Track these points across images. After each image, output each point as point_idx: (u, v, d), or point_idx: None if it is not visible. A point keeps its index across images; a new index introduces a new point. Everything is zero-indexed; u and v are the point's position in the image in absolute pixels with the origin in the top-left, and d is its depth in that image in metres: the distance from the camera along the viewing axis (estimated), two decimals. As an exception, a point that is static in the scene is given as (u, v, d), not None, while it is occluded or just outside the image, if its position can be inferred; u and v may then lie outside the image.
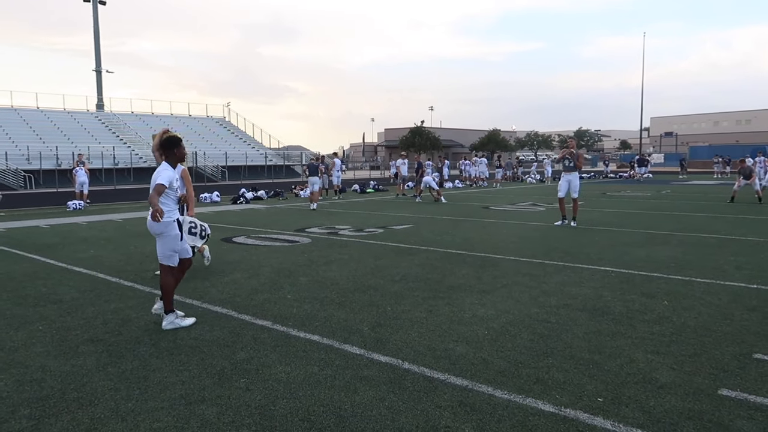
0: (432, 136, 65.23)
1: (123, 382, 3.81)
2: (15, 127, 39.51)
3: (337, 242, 10.17)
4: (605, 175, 41.71)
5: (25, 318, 5.43)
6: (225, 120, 54.68)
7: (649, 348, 4.37)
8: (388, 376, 3.85)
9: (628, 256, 8.34)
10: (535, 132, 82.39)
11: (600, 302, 5.74)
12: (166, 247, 5.11)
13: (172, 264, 5.15)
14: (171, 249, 5.12)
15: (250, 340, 4.65)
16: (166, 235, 5.08)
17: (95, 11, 48.84)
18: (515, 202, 19.22)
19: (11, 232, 12.57)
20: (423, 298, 6.00)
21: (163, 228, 5.04)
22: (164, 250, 5.12)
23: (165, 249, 5.12)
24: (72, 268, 8.03)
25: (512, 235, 10.76)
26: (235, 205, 19.98)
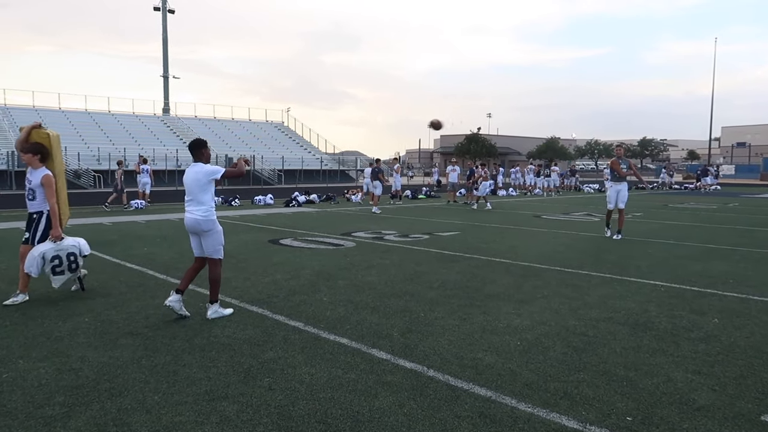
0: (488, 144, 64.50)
1: (153, 375, 3.93)
2: (88, 130, 41.72)
3: (381, 247, 10.18)
4: (669, 186, 40.04)
5: (74, 310, 5.70)
6: (283, 125, 55.90)
7: (691, 367, 4.14)
8: (411, 383, 3.81)
9: (681, 270, 7.96)
10: (596, 140, 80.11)
11: (644, 317, 5.50)
12: (216, 241, 5.47)
13: (220, 256, 5.54)
14: (220, 242, 5.50)
15: (281, 341, 4.71)
16: (214, 231, 5.43)
17: (164, 19, 51.02)
18: (569, 211, 18.72)
19: (78, 228, 13.23)
20: (458, 305, 5.92)
21: (212, 225, 5.42)
22: (214, 244, 5.47)
23: (215, 243, 5.47)
24: (125, 264, 8.38)
25: (560, 245, 10.47)
26: (288, 208, 20.35)
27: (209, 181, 5.38)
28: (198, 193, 5.36)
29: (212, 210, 5.44)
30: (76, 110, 45.22)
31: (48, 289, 6.62)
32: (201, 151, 5.46)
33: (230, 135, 48.83)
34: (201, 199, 5.37)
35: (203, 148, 5.48)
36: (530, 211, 18.98)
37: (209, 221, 5.37)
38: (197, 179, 5.35)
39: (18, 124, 39.26)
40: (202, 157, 5.45)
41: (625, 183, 11.65)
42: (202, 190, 5.37)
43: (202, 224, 5.36)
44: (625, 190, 11.60)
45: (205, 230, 5.38)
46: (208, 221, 5.37)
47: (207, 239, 5.43)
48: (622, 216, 11.68)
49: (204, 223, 5.35)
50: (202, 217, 5.35)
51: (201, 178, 5.34)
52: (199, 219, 5.34)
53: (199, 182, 5.35)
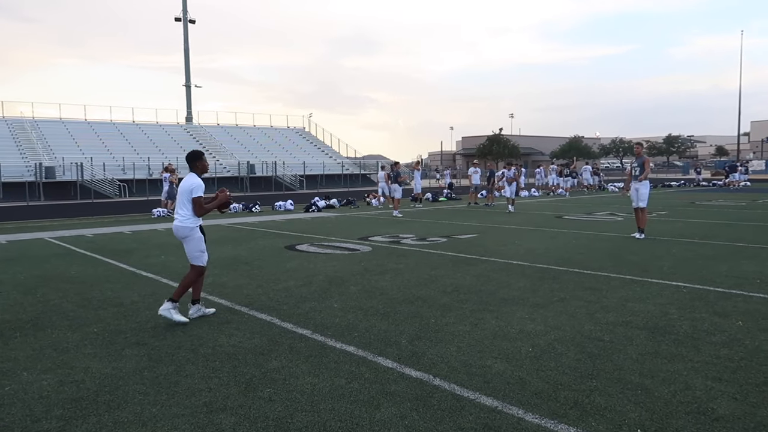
0: (510, 144, 63.93)
1: (154, 386, 3.88)
2: (113, 140, 42.48)
3: (397, 251, 10.07)
4: (697, 183, 39.15)
5: (84, 320, 5.70)
6: (304, 130, 56.22)
7: (711, 374, 3.94)
8: (415, 393, 3.69)
9: (706, 271, 7.68)
10: (621, 138, 78.80)
11: (664, 320, 5.29)
12: (195, 248, 5.64)
13: (201, 263, 5.68)
14: (198, 249, 5.64)
15: (286, 350, 4.63)
16: (191, 237, 5.61)
17: (185, 30, 51.74)
18: (592, 211, 18.36)
19: (98, 238, 13.42)
20: (471, 310, 5.77)
21: (188, 232, 5.60)
22: (193, 251, 5.65)
23: (193, 250, 5.65)
24: (140, 272, 8.42)
25: (581, 246, 10.23)
26: (307, 213, 20.37)
27: (189, 193, 5.56)
28: (182, 201, 5.59)
29: (189, 218, 5.58)
30: (101, 121, 46.12)
31: (62, 299, 6.66)
32: (195, 163, 5.70)
33: (252, 142, 49.26)
34: (182, 208, 5.59)
35: (197, 161, 5.72)
36: (552, 211, 18.68)
37: (185, 228, 5.59)
38: (182, 188, 5.63)
39: (46, 136, 40.22)
40: (196, 169, 5.69)
41: (644, 181, 11.34)
42: (185, 200, 5.58)
43: (179, 231, 5.64)
44: (644, 188, 11.29)
45: (182, 236, 5.64)
46: (184, 228, 5.59)
47: (186, 245, 5.68)
48: (642, 215, 11.37)
49: (180, 229, 5.62)
50: (179, 224, 5.61)
51: (184, 190, 5.58)
52: (176, 225, 5.63)
53: (182, 193, 5.60)
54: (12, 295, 6.93)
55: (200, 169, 5.70)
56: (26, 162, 35.14)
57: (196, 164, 5.67)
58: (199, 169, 5.70)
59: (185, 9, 51.21)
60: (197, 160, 5.70)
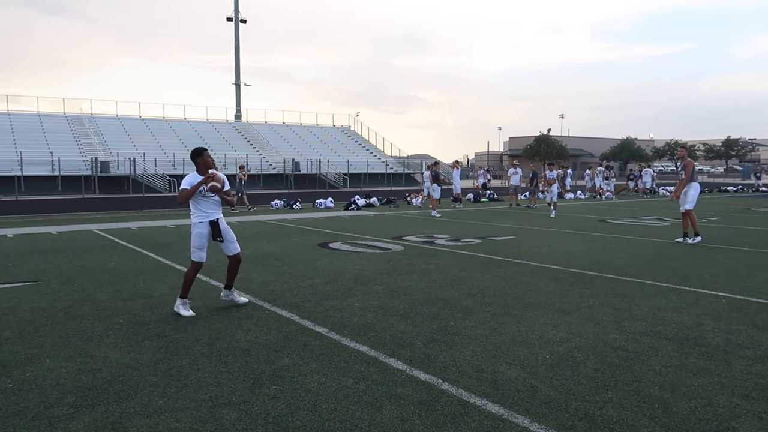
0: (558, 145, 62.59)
1: (165, 378, 3.94)
2: (165, 137, 43.84)
3: (429, 251, 9.98)
4: (756, 188, 37.34)
5: (113, 310, 5.87)
6: (350, 129, 56.57)
7: (738, 390, 3.72)
8: (421, 397, 3.62)
9: (751, 281, 7.29)
10: (676, 141, 75.93)
11: (696, 331, 5.03)
12: (191, 242, 5.81)
13: (195, 259, 5.79)
14: (193, 245, 5.79)
15: (300, 347, 4.63)
16: (190, 232, 5.81)
17: (236, 29, 52.88)
18: (638, 215, 17.76)
19: (142, 231, 13.85)
20: (493, 314, 5.65)
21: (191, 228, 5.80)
22: (190, 245, 5.83)
23: (191, 244, 5.82)
24: (174, 265, 8.62)
25: (620, 251, 9.88)
26: (346, 211, 20.46)
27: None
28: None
29: (192, 214, 5.79)
30: (154, 118, 47.64)
31: (96, 290, 6.88)
32: (196, 161, 5.76)
33: (298, 139, 49.92)
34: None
35: (198, 157, 5.75)
36: (596, 215, 18.16)
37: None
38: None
39: (103, 132, 41.86)
40: (197, 167, 5.75)
41: (692, 183, 10.91)
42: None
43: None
44: (693, 190, 10.86)
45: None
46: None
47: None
48: (691, 218, 10.92)
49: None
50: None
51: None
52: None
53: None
54: (51, 285, 7.21)
55: (202, 166, 5.70)
56: (84, 156, 36.67)
57: (197, 161, 5.72)
58: (201, 166, 5.70)
59: (237, 8, 52.32)
60: (197, 157, 5.73)
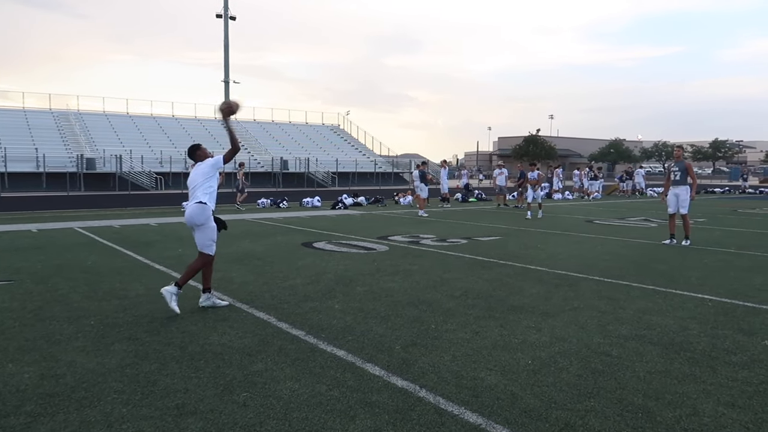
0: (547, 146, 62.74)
1: (132, 384, 3.77)
2: (152, 134, 43.38)
3: (414, 252, 9.85)
4: (742, 190, 37.59)
5: (85, 311, 5.68)
6: (339, 128, 56.32)
7: (724, 398, 3.61)
8: (396, 405, 3.48)
9: (738, 283, 7.22)
10: (664, 142, 76.40)
11: (681, 336, 4.93)
12: (206, 237, 5.64)
13: (211, 252, 5.68)
14: (210, 238, 5.65)
15: (275, 351, 4.48)
16: (207, 225, 5.59)
17: (226, 26, 52.40)
18: (625, 216, 17.74)
19: (124, 229, 13.61)
20: (475, 317, 5.52)
21: (205, 219, 5.57)
22: (204, 239, 5.65)
23: (205, 239, 5.65)
24: (153, 265, 8.43)
25: (607, 253, 9.81)
26: (334, 210, 20.30)
27: (214, 173, 5.59)
28: (199, 187, 5.55)
29: (207, 205, 5.56)
30: (142, 115, 47.15)
31: (70, 290, 6.68)
32: (197, 153, 5.75)
33: (286, 137, 49.62)
34: (198, 194, 5.56)
35: (198, 150, 5.77)
36: (584, 215, 18.13)
37: (201, 215, 5.55)
38: (204, 171, 5.60)
39: (89, 128, 41.34)
40: (199, 158, 5.73)
41: (684, 186, 10.85)
42: (204, 184, 5.55)
43: (195, 218, 5.57)
44: (685, 193, 10.81)
45: (198, 224, 5.59)
46: (200, 215, 5.55)
47: (199, 233, 5.64)
48: (685, 221, 10.87)
49: (196, 216, 5.56)
50: (195, 211, 5.56)
51: (207, 170, 5.59)
52: (192, 212, 5.57)
53: (205, 174, 5.57)
54: (25, 284, 7.00)
55: (202, 157, 5.74)
56: (69, 153, 36.16)
57: (198, 154, 5.74)
58: (202, 158, 5.74)
59: (226, 5, 51.86)
60: (197, 150, 5.78)
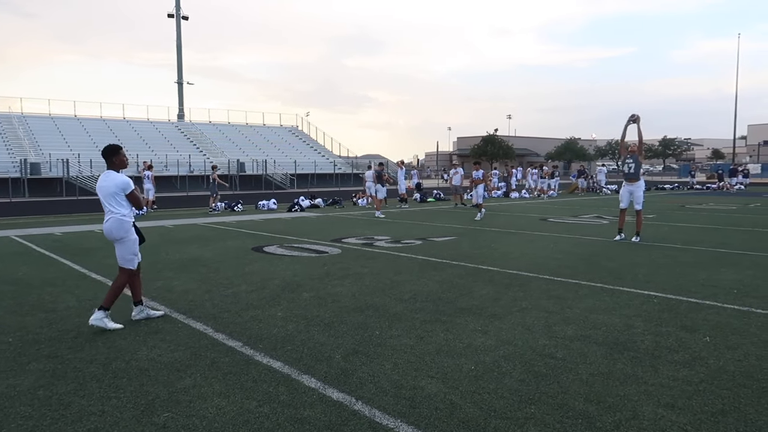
0: (505, 145, 63.57)
1: (42, 408, 3.47)
2: (102, 136, 41.92)
3: (367, 254, 9.67)
4: (690, 186, 38.81)
5: (5, 327, 5.29)
6: (297, 129, 55.77)
7: (664, 400, 3.55)
8: (329, 420, 3.29)
9: (683, 279, 7.29)
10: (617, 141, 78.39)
11: (626, 335, 4.89)
12: (127, 251, 5.29)
13: (132, 267, 5.34)
14: (131, 252, 5.30)
15: (207, 365, 4.22)
16: (127, 239, 5.25)
17: (178, 26, 51.30)
18: (579, 214, 17.99)
19: (66, 236, 12.99)
20: (422, 321, 5.37)
21: (125, 232, 5.22)
22: (125, 254, 5.30)
23: (126, 253, 5.30)
24: (90, 274, 8.01)
25: (558, 251, 9.84)
26: (289, 213, 19.94)
27: (120, 192, 5.18)
28: (112, 201, 5.19)
29: (126, 217, 5.23)
30: (91, 117, 45.63)
31: (5, 303, 6.25)
32: (112, 159, 5.30)
33: (243, 140, 48.83)
34: (114, 207, 5.19)
35: (115, 155, 5.30)
36: (539, 214, 18.29)
37: (121, 229, 5.21)
38: (107, 189, 5.20)
39: (34, 132, 39.76)
40: (113, 165, 5.30)
41: (638, 182, 10.94)
42: (114, 199, 5.19)
43: (114, 232, 5.24)
44: (640, 190, 10.92)
45: (117, 238, 5.25)
46: (120, 229, 5.21)
47: (119, 247, 5.30)
48: (639, 218, 11.01)
49: (115, 230, 5.22)
50: (114, 225, 5.21)
51: (111, 188, 5.19)
52: (110, 226, 5.23)
53: (109, 191, 5.19)
54: (-56, 299, 6.51)
55: (118, 165, 5.32)
56: (12, 158, 34.66)
57: (113, 160, 5.29)
58: (117, 165, 5.31)
59: (178, 5, 50.78)
60: (114, 154, 5.28)
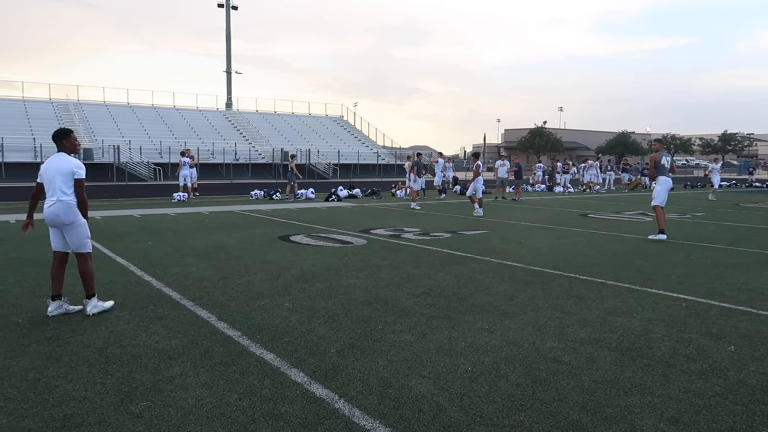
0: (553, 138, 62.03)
1: (27, 392, 3.49)
2: (152, 124, 43.18)
3: (391, 246, 9.53)
4: (749, 183, 36.91)
5: (19, 308, 5.40)
6: (342, 119, 55.92)
7: (669, 413, 3.28)
8: (306, 417, 3.18)
9: (719, 282, 6.85)
10: (672, 135, 75.43)
11: (643, 340, 4.59)
12: (81, 234, 5.17)
13: (89, 250, 5.23)
14: (85, 236, 5.19)
15: (199, 354, 4.18)
16: (77, 223, 5.12)
17: (228, 16, 52.12)
18: (622, 210, 17.31)
19: (106, 220, 13.36)
20: (429, 317, 5.20)
21: (74, 217, 5.09)
22: (79, 238, 5.18)
23: (80, 237, 5.18)
24: (116, 258, 8.15)
25: (590, 248, 9.44)
26: (326, 202, 19.98)
27: (71, 175, 5.05)
28: (60, 184, 5.04)
29: (73, 203, 5.09)
30: (143, 105, 46.97)
31: (16, 284, 6.42)
32: (62, 142, 5.18)
33: (289, 129, 49.31)
34: (63, 190, 5.05)
35: (65, 139, 5.19)
36: (580, 209, 17.71)
37: (69, 213, 5.06)
38: (60, 169, 5.06)
39: (89, 119, 41.24)
40: (64, 148, 5.19)
41: (661, 178, 10.63)
42: (65, 182, 5.05)
43: (63, 216, 5.06)
44: (658, 185, 10.65)
45: (66, 223, 5.09)
46: (68, 213, 5.06)
47: (70, 233, 5.13)
48: (657, 214, 10.54)
49: (64, 215, 5.05)
50: (62, 209, 5.04)
51: (65, 169, 5.06)
52: (57, 210, 5.04)
53: (62, 172, 5.05)
54: (-26, 278, 6.74)
55: (69, 148, 5.18)
56: (68, 143, 36.04)
57: (64, 143, 5.15)
58: (68, 147, 5.17)
59: (228, -5, 51.51)
60: (64, 138, 5.15)
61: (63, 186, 5.03)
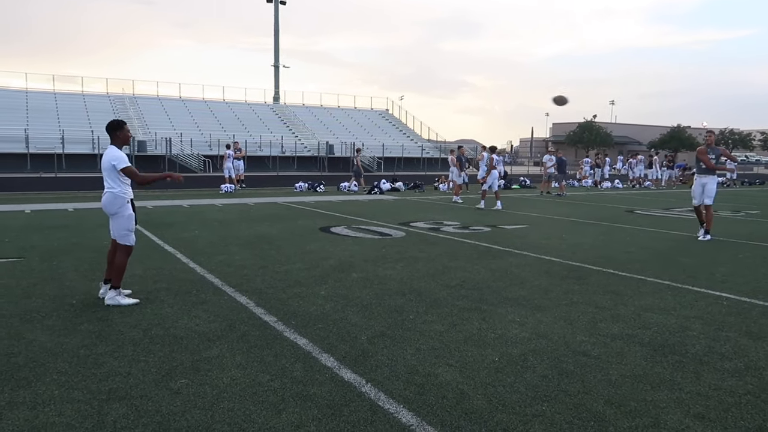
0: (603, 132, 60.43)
1: (77, 366, 3.74)
2: (203, 117, 44.38)
3: (429, 239, 9.59)
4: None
5: (74, 290, 5.75)
6: (387, 113, 56.06)
7: (696, 409, 3.25)
8: (333, 399, 3.31)
9: (765, 281, 6.64)
10: (731, 129, 72.27)
11: (677, 337, 4.53)
12: (122, 226, 5.33)
13: (129, 243, 5.38)
14: (126, 228, 5.33)
15: (237, 337, 4.38)
16: (120, 214, 5.29)
17: (276, 10, 52.89)
18: (671, 207, 16.81)
19: (155, 210, 13.89)
20: (461, 308, 5.26)
21: (118, 208, 5.26)
22: (119, 229, 5.34)
23: (120, 228, 5.33)
24: (163, 246, 8.51)
25: (634, 245, 9.25)
26: (369, 195, 20.16)
27: (112, 168, 5.22)
28: (106, 176, 5.28)
29: (118, 193, 5.25)
30: (194, 99, 48.30)
31: (72, 268, 6.81)
32: (115, 134, 5.34)
33: (334, 122, 49.80)
34: (109, 182, 5.28)
35: (118, 130, 5.34)
36: (627, 205, 17.30)
37: (113, 204, 5.26)
38: (104, 164, 5.29)
39: (143, 112, 42.73)
40: (117, 140, 5.35)
41: (713, 176, 10.15)
42: (109, 175, 5.26)
43: (107, 206, 5.31)
44: (713, 183, 10.11)
45: (111, 213, 5.33)
46: (113, 204, 5.27)
47: (114, 222, 5.37)
48: (709, 213, 10.15)
49: (108, 205, 5.29)
50: (107, 200, 5.29)
51: (106, 164, 5.26)
52: (104, 201, 5.31)
53: (105, 167, 5.27)
54: (32, 261, 7.19)
55: (121, 139, 5.34)
56: (123, 136, 37.45)
57: (117, 134, 5.30)
58: (120, 139, 5.33)
59: (277, -10, 52.23)
60: (117, 129, 5.30)
61: (108, 179, 5.30)
